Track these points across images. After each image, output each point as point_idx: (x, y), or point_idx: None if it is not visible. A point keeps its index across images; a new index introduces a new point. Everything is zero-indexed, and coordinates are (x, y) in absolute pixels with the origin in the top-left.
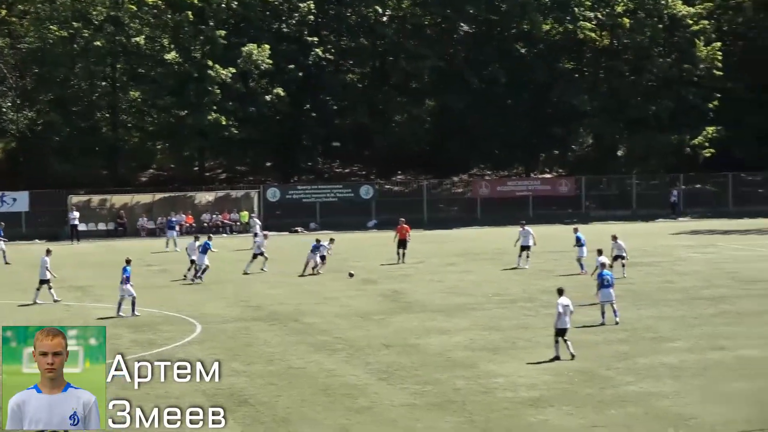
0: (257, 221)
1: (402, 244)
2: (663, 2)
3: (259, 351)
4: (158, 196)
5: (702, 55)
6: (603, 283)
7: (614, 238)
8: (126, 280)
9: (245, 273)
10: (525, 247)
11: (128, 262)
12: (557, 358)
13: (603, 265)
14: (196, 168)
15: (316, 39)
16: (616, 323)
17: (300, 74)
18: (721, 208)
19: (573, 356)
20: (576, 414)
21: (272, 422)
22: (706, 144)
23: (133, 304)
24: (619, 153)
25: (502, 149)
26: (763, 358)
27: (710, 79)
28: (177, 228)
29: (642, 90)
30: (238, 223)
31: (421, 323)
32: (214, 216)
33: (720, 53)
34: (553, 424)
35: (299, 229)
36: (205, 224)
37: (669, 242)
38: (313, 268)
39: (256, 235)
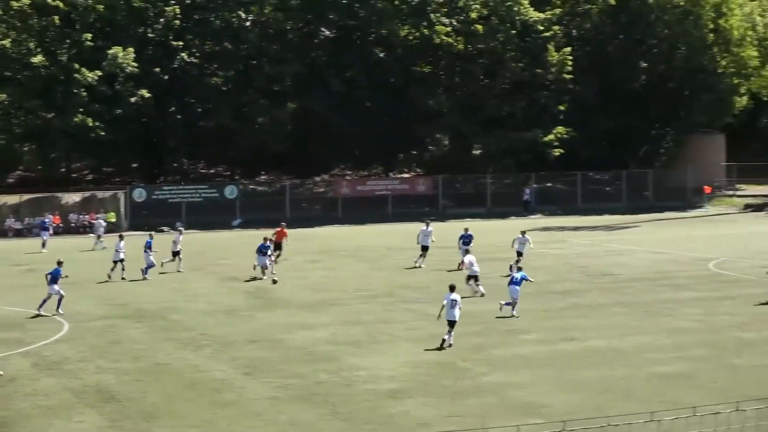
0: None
1: (278, 246)
2: (515, 9)
3: (126, 348)
4: (25, 197)
5: (553, 59)
6: (513, 281)
7: (522, 233)
8: (53, 280)
9: (160, 273)
10: (425, 248)
11: (60, 263)
12: (443, 345)
13: (519, 268)
14: (63, 169)
15: (181, 43)
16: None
17: (165, 77)
18: (570, 206)
19: (446, 345)
20: (434, 404)
21: (139, 418)
22: (556, 143)
23: (59, 302)
24: (475, 152)
25: (362, 150)
26: (610, 348)
27: (560, 83)
28: (50, 229)
29: (496, 92)
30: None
31: (286, 319)
32: (81, 216)
33: (570, 58)
34: (413, 414)
35: (165, 228)
36: (73, 224)
37: (514, 239)
38: (263, 270)
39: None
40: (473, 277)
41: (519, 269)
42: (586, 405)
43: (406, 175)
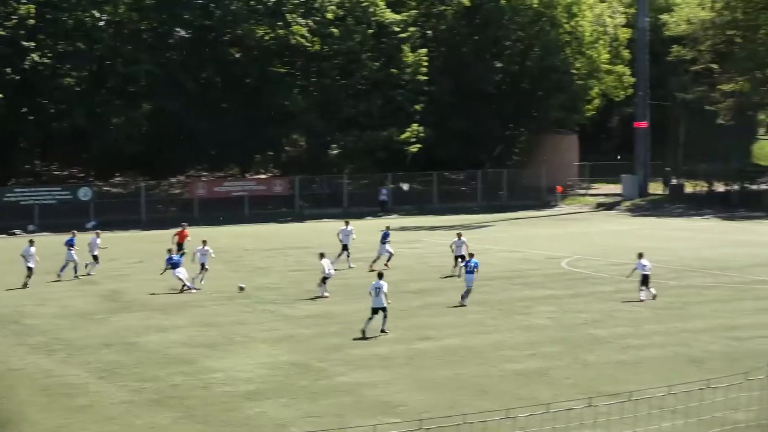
0: None
1: (180, 247)
2: (371, 10)
3: None
4: None
5: (408, 60)
6: (466, 269)
7: (459, 235)
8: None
9: (83, 275)
10: (345, 246)
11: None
12: (363, 333)
13: (471, 255)
14: None
15: (33, 44)
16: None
17: (17, 78)
18: (426, 206)
19: (365, 329)
20: (291, 405)
21: None
22: (413, 140)
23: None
24: (332, 152)
25: (218, 151)
26: (465, 346)
27: (416, 83)
28: None
29: (353, 92)
30: None
31: (140, 322)
32: None
33: (425, 58)
34: (270, 415)
35: (17, 231)
36: None
37: (378, 239)
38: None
39: None
40: (325, 279)
41: (471, 255)
42: (441, 403)
43: (263, 176)
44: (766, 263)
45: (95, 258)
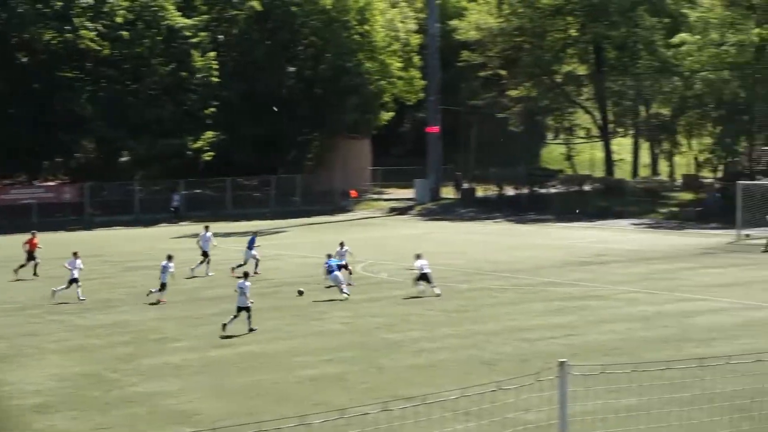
0: None
1: (31, 256)
2: (161, 14)
3: None
4: None
5: (198, 64)
6: (328, 270)
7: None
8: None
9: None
10: (205, 253)
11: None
12: (224, 327)
13: (329, 256)
14: None
15: None
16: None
17: None
18: (220, 211)
19: (251, 330)
20: (81, 417)
21: None
22: (206, 147)
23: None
24: (123, 159)
25: (4, 158)
26: (262, 353)
27: (207, 87)
28: None
29: (144, 97)
30: None
31: None
32: None
33: (215, 63)
34: (59, 428)
35: None
36: None
37: (170, 246)
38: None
39: None
40: (163, 285)
41: (329, 256)
42: (238, 410)
43: (52, 183)
44: (555, 265)
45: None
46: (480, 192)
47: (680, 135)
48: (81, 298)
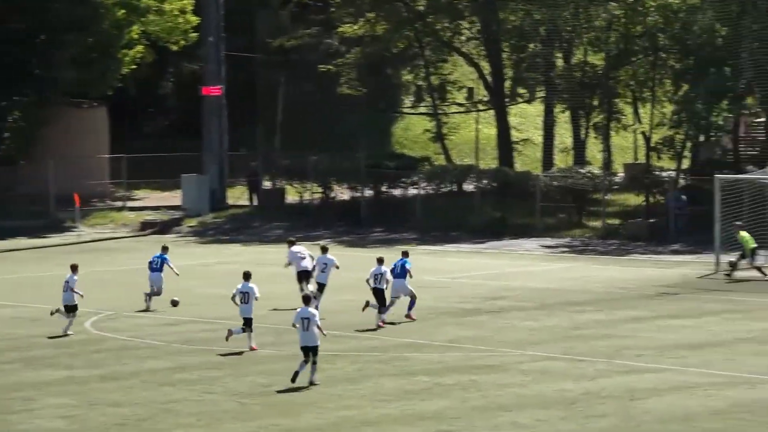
0: None
1: None
2: None
3: None
4: None
5: None
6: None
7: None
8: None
9: None
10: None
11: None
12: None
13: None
14: None
15: None
16: None
17: None
18: None
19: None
20: None
21: None
22: None
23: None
24: None
25: None
26: None
27: None
28: None
29: None
30: None
31: None
32: None
33: None
34: None
35: None
36: None
37: None
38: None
39: None
40: None
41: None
42: None
43: None
44: (418, 316)
45: None
46: (292, 195)
47: (621, 99)
48: None
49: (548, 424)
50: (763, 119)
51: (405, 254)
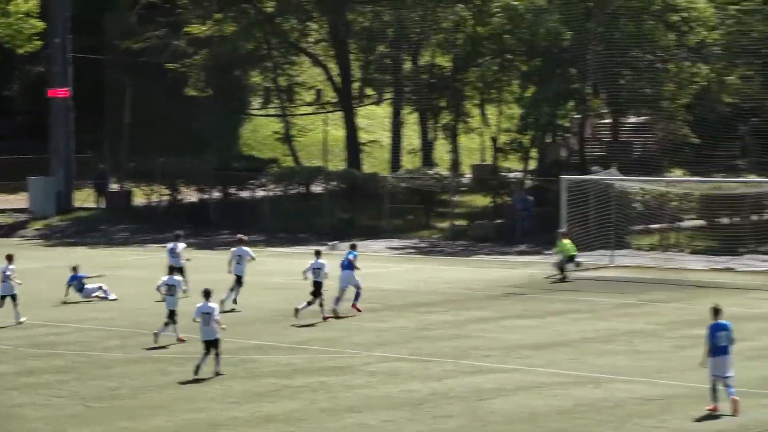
0: None
1: None
2: None
3: None
4: None
5: None
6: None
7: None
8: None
9: None
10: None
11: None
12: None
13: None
14: None
15: None
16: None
17: None
18: None
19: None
20: None
21: None
22: None
23: None
24: None
25: None
26: None
27: None
28: None
29: None
30: None
31: None
32: None
33: None
34: None
35: None
36: None
37: None
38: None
39: None
40: None
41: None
42: None
43: None
44: (264, 318)
45: None
46: (139, 197)
47: (469, 101)
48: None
49: (396, 425)
50: (608, 120)
51: (353, 246)
